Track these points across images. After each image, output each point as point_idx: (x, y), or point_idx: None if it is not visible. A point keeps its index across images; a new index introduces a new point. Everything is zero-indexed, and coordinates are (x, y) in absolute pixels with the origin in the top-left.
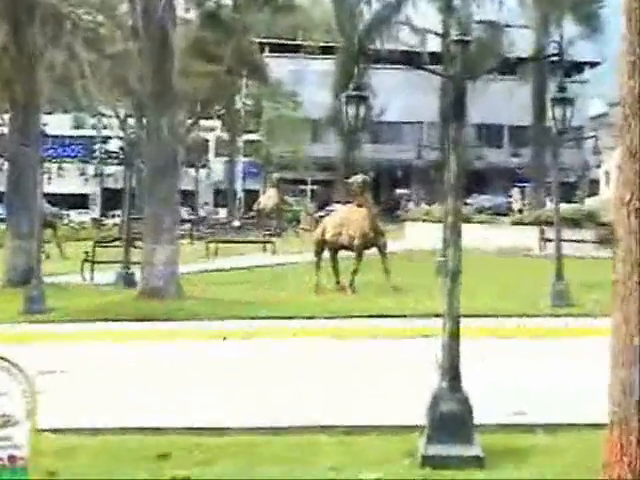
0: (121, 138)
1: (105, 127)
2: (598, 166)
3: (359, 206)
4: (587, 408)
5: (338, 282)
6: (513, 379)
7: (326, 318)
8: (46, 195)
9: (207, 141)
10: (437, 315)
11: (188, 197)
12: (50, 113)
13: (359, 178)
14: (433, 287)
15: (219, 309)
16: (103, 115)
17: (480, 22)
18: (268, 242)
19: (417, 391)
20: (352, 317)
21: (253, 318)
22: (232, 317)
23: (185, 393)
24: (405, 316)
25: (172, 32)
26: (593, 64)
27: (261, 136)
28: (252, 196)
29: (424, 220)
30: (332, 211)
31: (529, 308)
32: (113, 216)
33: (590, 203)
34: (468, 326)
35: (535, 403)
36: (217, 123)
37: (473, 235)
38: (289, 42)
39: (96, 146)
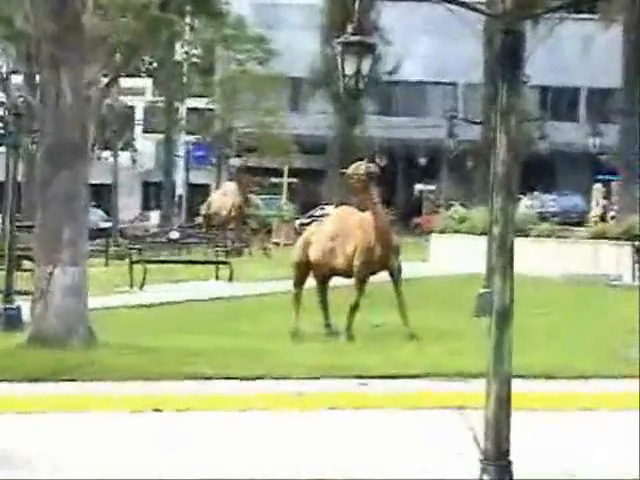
0: (1, 104)
1: None
2: None
3: (361, 210)
4: None
5: (328, 325)
6: (584, 471)
7: (308, 379)
8: None
9: (132, 109)
10: (476, 376)
11: (103, 194)
12: None
13: (362, 167)
14: (471, 333)
15: (148, 364)
16: None
17: None
18: (222, 263)
19: None
20: (347, 378)
21: (198, 378)
22: (167, 376)
23: None
24: (428, 376)
25: None
26: None
27: (214, 103)
28: (199, 193)
29: (458, 231)
30: (321, 217)
31: (612, 366)
32: None
33: None
34: (521, 392)
35: None
36: (147, 82)
37: (532, 254)
38: None
39: None
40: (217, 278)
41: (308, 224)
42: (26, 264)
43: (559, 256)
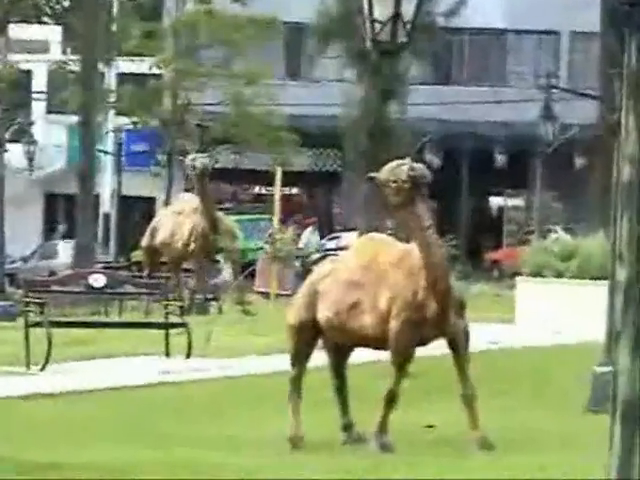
0: None
1: None
2: None
3: (402, 239)
4: None
5: (348, 426)
6: None
7: None
8: None
9: (30, 75)
10: None
11: None
12: None
13: (402, 169)
14: (581, 437)
15: None
16: None
17: None
18: (176, 326)
19: None
20: None
21: None
22: None
23: None
24: None
25: None
26: None
27: (161, 65)
28: (138, 211)
29: (561, 273)
30: (336, 250)
31: None
32: None
33: None
34: None
35: None
36: (55, 32)
37: None
38: None
39: None
40: (167, 351)
41: (315, 262)
42: None
43: None
